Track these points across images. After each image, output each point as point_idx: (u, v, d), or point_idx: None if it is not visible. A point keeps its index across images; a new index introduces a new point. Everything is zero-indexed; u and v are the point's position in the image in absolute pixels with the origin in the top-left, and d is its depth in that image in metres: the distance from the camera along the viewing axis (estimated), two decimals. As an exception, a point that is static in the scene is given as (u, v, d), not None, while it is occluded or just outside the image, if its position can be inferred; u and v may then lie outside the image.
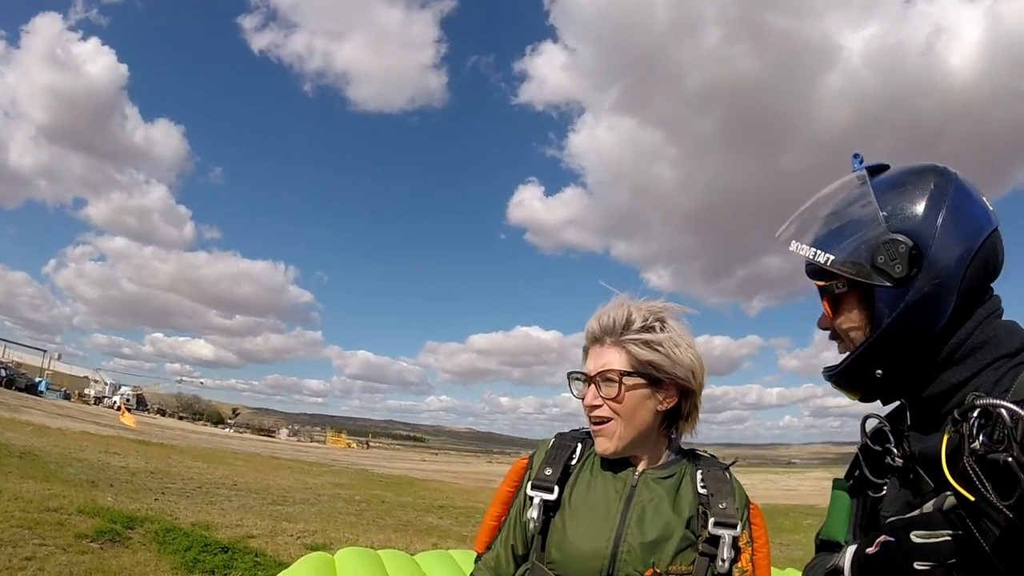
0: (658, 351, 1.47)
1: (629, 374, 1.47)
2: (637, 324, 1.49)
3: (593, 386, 1.49)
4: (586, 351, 1.57)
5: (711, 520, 1.42)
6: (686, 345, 1.50)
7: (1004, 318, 1.18)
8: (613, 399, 1.47)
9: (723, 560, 1.39)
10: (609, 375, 1.47)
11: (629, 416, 1.47)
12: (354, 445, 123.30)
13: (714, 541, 1.41)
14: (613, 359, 1.48)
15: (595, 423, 1.50)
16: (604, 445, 1.49)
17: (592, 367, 1.51)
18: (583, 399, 1.52)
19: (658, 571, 1.39)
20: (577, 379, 1.54)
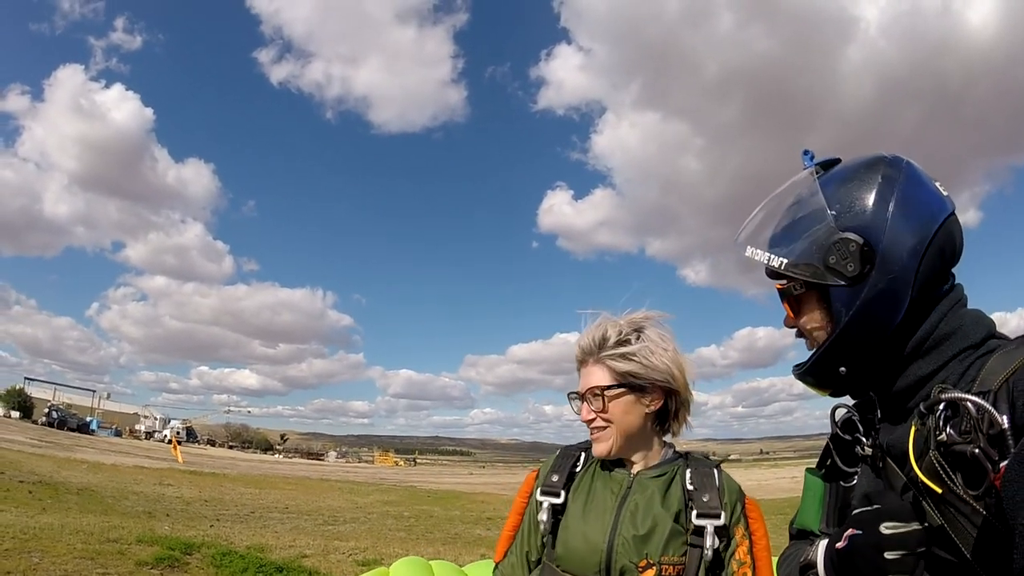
0: (633, 360, 1.59)
1: (610, 387, 1.60)
2: (612, 340, 1.62)
3: (585, 403, 1.64)
4: (578, 371, 1.71)
5: (694, 512, 1.53)
6: (662, 350, 1.61)
7: (970, 306, 1.18)
8: (601, 411, 1.60)
9: (707, 548, 1.48)
10: (595, 391, 1.61)
11: (619, 422, 1.60)
12: (401, 463, 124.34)
13: (699, 531, 1.51)
14: (597, 376, 1.62)
15: (592, 432, 1.65)
16: (600, 449, 1.62)
17: (581, 386, 1.66)
18: (580, 414, 1.66)
19: (651, 561, 1.49)
20: (574, 398, 1.69)
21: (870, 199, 1.14)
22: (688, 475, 1.59)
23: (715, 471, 1.61)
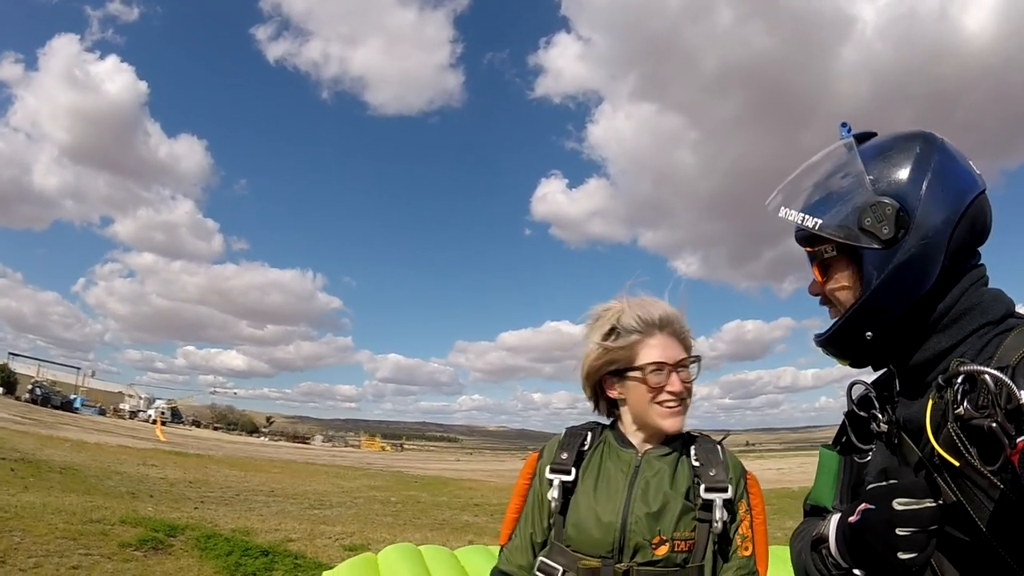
0: (693, 340, 1.71)
1: (693, 360, 1.67)
2: (684, 319, 1.70)
3: (675, 374, 1.62)
4: (636, 342, 1.64)
5: (702, 487, 1.57)
6: None
7: (991, 286, 1.19)
8: (688, 383, 1.65)
9: (716, 521, 1.53)
10: (689, 362, 1.66)
11: (690, 397, 1.67)
12: (388, 448, 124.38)
13: (708, 506, 1.56)
14: (681, 350, 1.66)
15: (674, 405, 1.62)
16: (679, 423, 1.64)
17: (669, 356, 1.63)
18: (663, 387, 1.61)
19: (664, 538, 1.52)
20: (658, 370, 1.62)
21: (907, 167, 1.16)
22: (694, 452, 1.64)
23: (719, 448, 1.67)
